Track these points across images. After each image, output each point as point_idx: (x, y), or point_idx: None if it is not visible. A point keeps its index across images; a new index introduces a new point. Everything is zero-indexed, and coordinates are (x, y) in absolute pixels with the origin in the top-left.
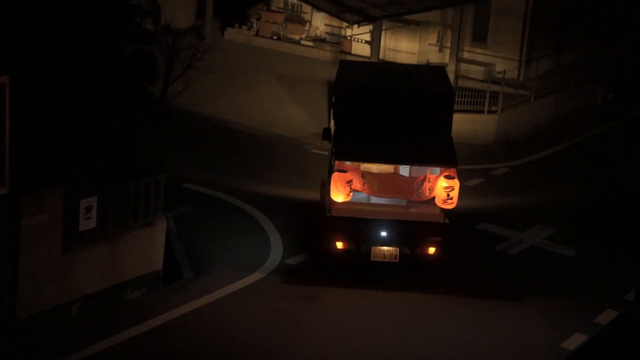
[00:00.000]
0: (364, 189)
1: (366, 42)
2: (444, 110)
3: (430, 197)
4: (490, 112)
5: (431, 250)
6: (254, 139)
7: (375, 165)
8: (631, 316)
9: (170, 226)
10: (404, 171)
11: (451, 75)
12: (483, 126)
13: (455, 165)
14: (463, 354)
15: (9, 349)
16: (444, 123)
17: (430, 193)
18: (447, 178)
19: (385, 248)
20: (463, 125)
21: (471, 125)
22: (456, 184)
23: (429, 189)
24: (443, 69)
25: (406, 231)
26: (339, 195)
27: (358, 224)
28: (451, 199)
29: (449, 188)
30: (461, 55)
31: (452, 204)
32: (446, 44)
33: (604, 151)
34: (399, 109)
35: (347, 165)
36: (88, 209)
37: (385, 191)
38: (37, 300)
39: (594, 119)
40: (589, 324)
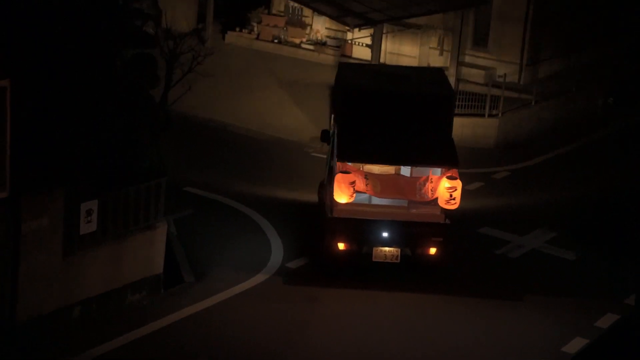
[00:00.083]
0: (366, 190)
1: (367, 46)
2: (445, 111)
3: (433, 198)
4: (491, 116)
5: (432, 250)
6: (255, 142)
7: (377, 167)
8: (631, 320)
9: (171, 229)
10: (405, 172)
11: (452, 79)
12: (484, 130)
13: (458, 166)
14: (463, 354)
15: (10, 352)
16: (445, 124)
17: (432, 194)
18: (450, 178)
19: (387, 249)
20: (464, 128)
21: (472, 129)
22: (459, 184)
23: (432, 189)
24: (441, 71)
25: (407, 232)
26: (343, 197)
27: (359, 225)
28: (454, 199)
29: (452, 188)
30: (462, 59)
31: (455, 204)
32: (447, 48)
33: (604, 155)
34: (401, 110)
35: (350, 167)
36: (89, 213)
37: (388, 192)
38: (38, 303)
39: (595, 123)
40: (590, 327)
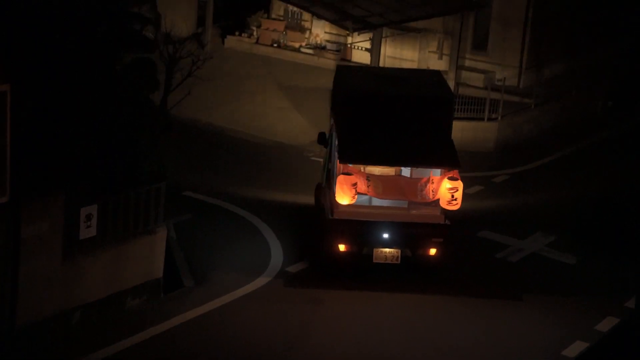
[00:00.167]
0: (368, 192)
1: (366, 50)
2: (445, 113)
3: (434, 199)
4: (490, 120)
5: (432, 251)
6: (254, 147)
7: (377, 168)
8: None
9: (171, 234)
10: (405, 174)
11: (451, 83)
12: (483, 133)
13: (459, 167)
14: (463, 355)
15: (9, 357)
16: (445, 126)
17: (434, 195)
18: (451, 179)
19: (387, 250)
20: (463, 132)
21: (471, 133)
22: (460, 185)
23: (433, 190)
24: (439, 73)
25: (407, 233)
26: (345, 198)
27: (360, 226)
28: (455, 199)
29: (453, 189)
30: (461, 62)
31: (457, 204)
32: (446, 52)
33: (604, 158)
34: (402, 112)
35: (351, 168)
36: (88, 217)
37: (389, 193)
38: (38, 308)
39: (594, 126)
40: (590, 331)
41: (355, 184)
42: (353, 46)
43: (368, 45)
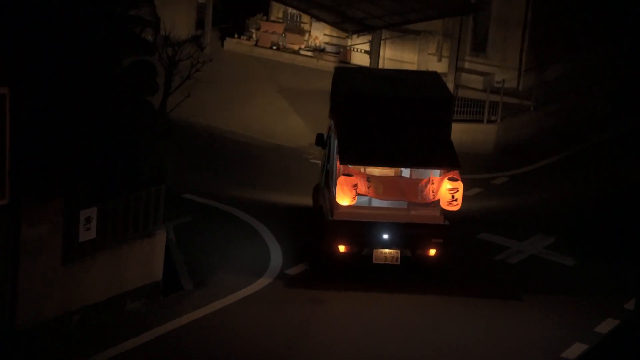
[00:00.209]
0: (368, 192)
1: (365, 52)
2: (445, 114)
3: (434, 200)
4: (489, 122)
5: (432, 252)
6: (253, 149)
7: (377, 169)
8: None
9: (170, 237)
10: (405, 175)
11: (451, 85)
12: (482, 135)
13: (459, 167)
14: (463, 355)
15: (9, 359)
16: (445, 126)
17: (434, 195)
18: (451, 180)
19: (387, 250)
20: (462, 134)
21: (471, 135)
22: (460, 185)
23: (433, 191)
24: (436, 74)
25: (407, 233)
26: (345, 199)
27: (360, 227)
28: (456, 200)
29: (454, 190)
30: (461, 64)
31: (457, 205)
32: (445, 54)
33: (604, 159)
34: (402, 113)
35: (352, 169)
36: (88, 220)
37: (390, 194)
38: (37, 310)
39: (594, 128)
40: (589, 333)
41: (355, 185)
42: (352, 48)
43: (367, 47)
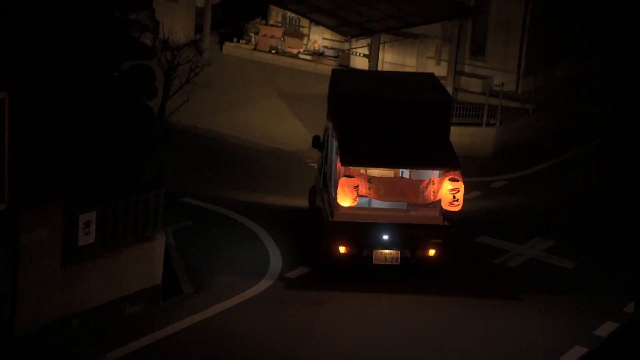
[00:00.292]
0: (369, 194)
1: (365, 56)
2: (444, 115)
3: (435, 200)
4: (488, 125)
5: (431, 252)
6: (252, 153)
7: (377, 170)
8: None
9: (170, 241)
10: (404, 176)
11: (450, 89)
12: (481, 139)
13: (459, 167)
14: (463, 355)
15: None
16: (444, 127)
17: (435, 196)
18: (452, 180)
19: (387, 251)
20: (462, 137)
21: (470, 138)
22: (461, 186)
23: (434, 191)
24: (433, 75)
25: (407, 234)
26: (346, 200)
27: (360, 228)
28: (457, 200)
29: (455, 190)
30: (460, 68)
31: (458, 205)
32: (444, 57)
33: (603, 161)
34: (402, 114)
35: (353, 170)
36: (87, 224)
37: (391, 195)
38: (37, 314)
39: (593, 131)
40: (589, 336)
41: (357, 186)
42: (351, 52)
43: (366, 51)
